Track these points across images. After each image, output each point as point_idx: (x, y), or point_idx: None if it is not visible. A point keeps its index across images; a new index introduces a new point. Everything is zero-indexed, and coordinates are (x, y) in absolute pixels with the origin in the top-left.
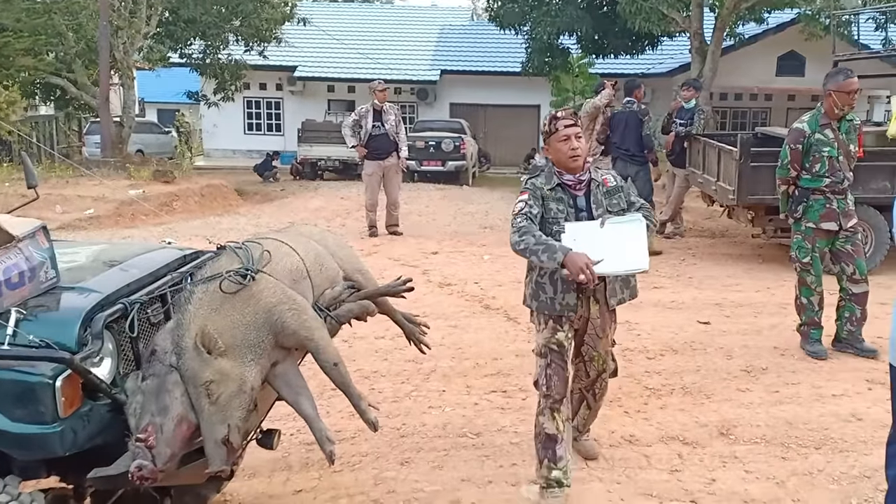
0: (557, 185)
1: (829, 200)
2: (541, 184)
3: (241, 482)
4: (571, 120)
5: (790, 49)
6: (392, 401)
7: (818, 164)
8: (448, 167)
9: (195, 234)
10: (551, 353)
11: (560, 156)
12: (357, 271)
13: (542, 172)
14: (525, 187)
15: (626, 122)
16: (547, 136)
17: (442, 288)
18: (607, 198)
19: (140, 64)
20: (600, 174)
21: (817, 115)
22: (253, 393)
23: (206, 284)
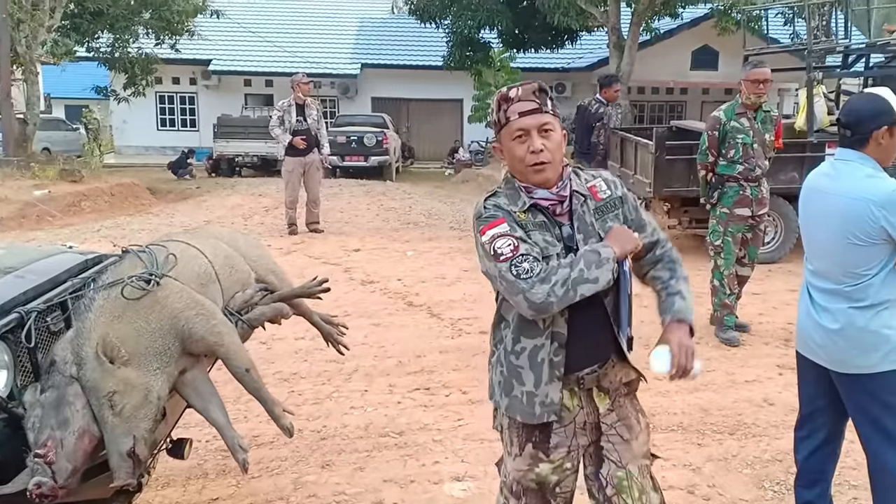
0: (532, 206)
1: (742, 187)
2: (506, 205)
3: (154, 492)
4: (533, 102)
5: (704, 44)
6: (313, 403)
7: (733, 150)
8: (371, 162)
9: (104, 237)
10: (526, 496)
11: (516, 164)
12: (270, 272)
13: (498, 190)
14: (489, 214)
15: (583, 119)
16: (497, 128)
17: (364, 286)
18: (599, 218)
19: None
20: (583, 180)
21: (734, 104)
22: (160, 402)
23: (108, 290)
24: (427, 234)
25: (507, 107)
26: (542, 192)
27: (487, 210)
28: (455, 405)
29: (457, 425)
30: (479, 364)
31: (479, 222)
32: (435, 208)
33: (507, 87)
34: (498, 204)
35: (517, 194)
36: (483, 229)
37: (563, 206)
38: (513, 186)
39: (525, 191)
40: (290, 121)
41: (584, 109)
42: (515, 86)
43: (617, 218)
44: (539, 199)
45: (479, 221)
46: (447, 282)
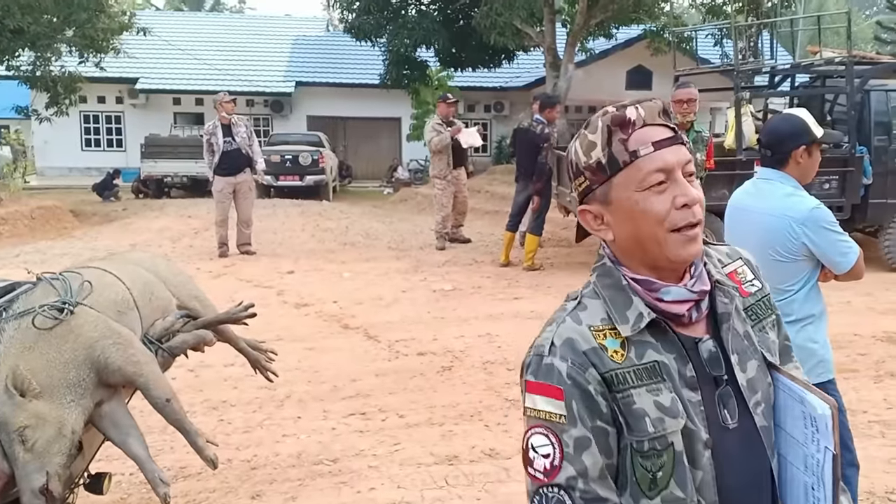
0: (651, 325)
1: None
2: (594, 337)
3: None
4: (666, 129)
5: (638, 63)
6: (243, 431)
7: None
8: (306, 182)
9: (24, 262)
10: None
11: (649, 229)
12: (193, 298)
13: (583, 295)
14: (545, 365)
15: (526, 142)
16: (596, 175)
17: (298, 309)
18: (757, 325)
19: None
20: (716, 261)
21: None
22: (74, 436)
23: (18, 320)
24: (364, 255)
25: (628, 135)
26: (675, 289)
27: (549, 353)
28: (392, 429)
29: (393, 450)
30: (416, 386)
31: (529, 370)
32: (373, 228)
33: (615, 105)
34: (573, 342)
35: (624, 300)
36: (530, 386)
37: (699, 310)
38: (615, 283)
39: (644, 289)
40: (217, 142)
41: (527, 131)
42: (629, 104)
43: (774, 329)
44: (670, 303)
45: (528, 369)
46: (384, 303)
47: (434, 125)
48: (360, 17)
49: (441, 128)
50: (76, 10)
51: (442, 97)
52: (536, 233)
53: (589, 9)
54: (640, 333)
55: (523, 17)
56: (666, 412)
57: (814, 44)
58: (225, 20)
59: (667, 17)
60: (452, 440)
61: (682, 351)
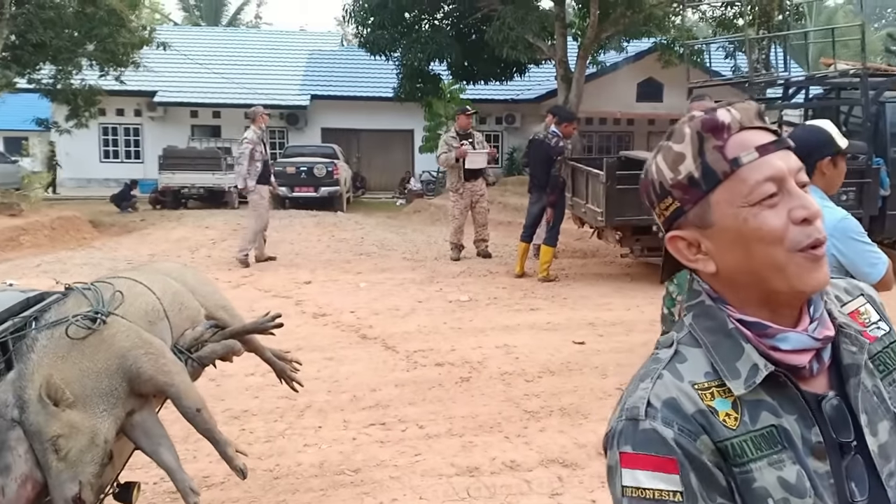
0: (766, 380)
1: None
2: (697, 396)
3: None
4: (767, 132)
5: (649, 76)
6: (265, 441)
7: None
8: (321, 193)
9: (45, 272)
10: None
11: (764, 254)
12: (220, 308)
13: (680, 344)
14: (645, 432)
15: (541, 153)
16: (686, 192)
17: (316, 319)
18: (886, 377)
19: None
20: (832, 297)
21: None
22: (107, 446)
23: (51, 330)
24: (380, 265)
25: (725, 141)
26: (794, 336)
27: (647, 416)
28: (412, 440)
29: (414, 461)
30: (434, 397)
31: (622, 439)
32: (387, 239)
33: (706, 110)
34: (677, 403)
35: (732, 348)
36: (627, 459)
37: (819, 360)
38: (719, 327)
39: (755, 334)
40: (260, 151)
41: (542, 143)
42: (721, 106)
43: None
44: (788, 352)
45: (620, 438)
46: (401, 313)
47: (448, 138)
48: (374, 31)
49: (454, 141)
50: (98, 24)
51: (461, 109)
52: (551, 244)
53: (600, 22)
54: (754, 391)
55: (535, 31)
56: (792, 491)
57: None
58: (241, 35)
59: (677, 30)
60: (473, 451)
61: (805, 411)
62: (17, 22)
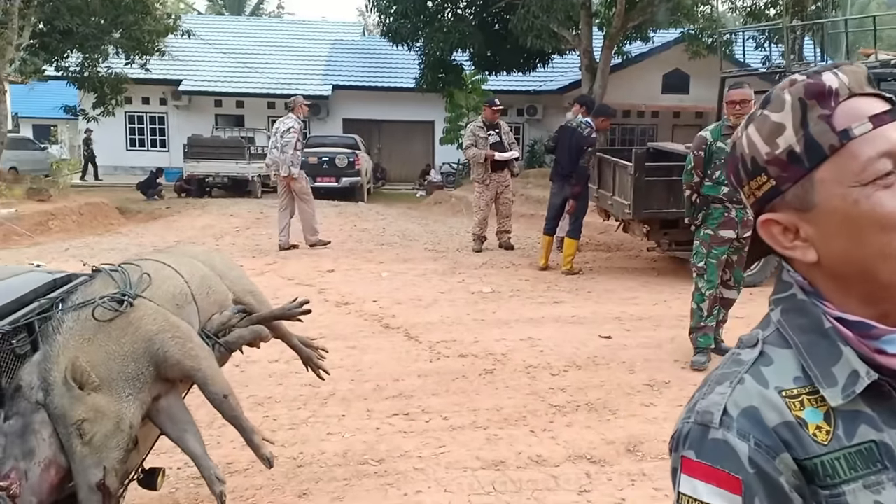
0: (867, 390)
1: (727, 209)
2: (785, 410)
3: None
4: (881, 100)
5: (675, 67)
6: (288, 428)
7: (718, 171)
8: (342, 183)
9: (73, 256)
10: None
11: (877, 242)
12: (248, 293)
13: (767, 343)
14: (714, 443)
15: (572, 142)
16: (788, 171)
17: (339, 307)
18: None
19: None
20: None
21: (721, 125)
22: (132, 431)
23: (78, 312)
24: (402, 256)
25: (832, 109)
26: None
27: (721, 424)
28: (436, 431)
29: (438, 453)
30: (458, 388)
31: (687, 443)
32: (409, 229)
33: (806, 73)
34: (758, 414)
35: (829, 350)
36: (688, 466)
37: None
38: (814, 325)
39: (857, 335)
40: (301, 139)
41: (574, 131)
42: (823, 69)
43: None
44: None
45: (685, 442)
46: (424, 304)
47: (475, 128)
48: (396, 21)
49: (481, 132)
50: (123, 12)
51: (488, 101)
52: (575, 237)
53: (627, 11)
54: (852, 401)
55: (560, 20)
56: None
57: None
58: (265, 24)
59: (706, 20)
60: (498, 445)
61: None
62: (44, 9)
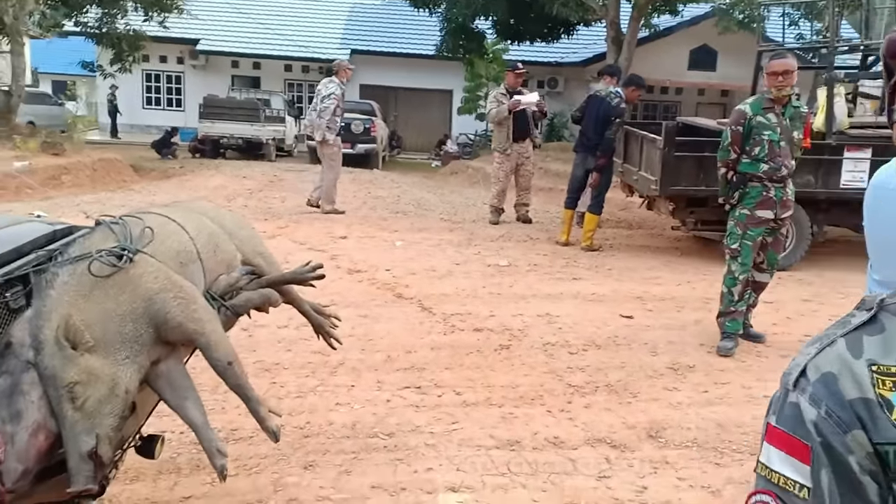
0: None
1: (766, 188)
2: (867, 385)
3: (121, 486)
4: None
5: (703, 43)
6: (296, 396)
7: (758, 147)
8: (357, 150)
9: (83, 211)
10: None
11: None
12: (258, 254)
13: (882, 309)
14: (789, 409)
15: (599, 112)
16: None
17: (351, 274)
18: None
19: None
20: None
21: (762, 98)
22: (128, 397)
23: (73, 266)
24: (416, 225)
25: None
26: None
27: (796, 386)
28: (448, 406)
29: (451, 429)
30: (472, 363)
31: (772, 408)
32: (424, 199)
33: None
34: (835, 381)
35: None
36: (769, 433)
37: None
38: None
39: None
40: (341, 105)
41: (602, 101)
42: None
43: None
44: None
45: (771, 406)
46: (438, 275)
47: (497, 95)
48: None
49: (504, 98)
50: None
51: (511, 65)
52: (596, 212)
53: None
54: None
55: None
56: None
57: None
58: None
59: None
60: (513, 424)
61: None
62: None
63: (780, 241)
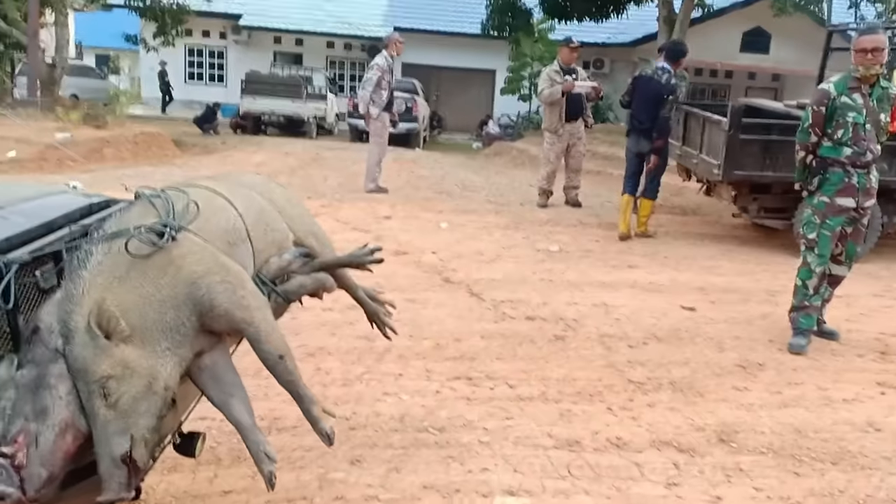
0: None
1: (848, 174)
2: None
3: (158, 476)
4: None
5: (756, 25)
6: (341, 384)
7: (841, 130)
8: (399, 129)
9: (122, 184)
10: None
11: None
12: (311, 234)
13: None
14: None
15: (648, 91)
16: None
17: (397, 257)
18: None
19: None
20: None
21: (847, 76)
22: (167, 394)
23: (109, 243)
24: (461, 206)
25: None
26: None
27: None
28: (502, 400)
29: (506, 425)
30: (526, 354)
31: None
32: (468, 179)
33: None
34: None
35: None
36: None
37: None
38: None
39: None
40: (388, 80)
41: (650, 80)
42: None
43: None
44: None
45: None
46: (486, 258)
47: (550, 73)
48: None
49: (558, 76)
50: None
51: (565, 39)
52: (652, 196)
53: None
54: None
55: None
56: None
57: None
58: None
59: None
60: (572, 422)
61: None
62: None
63: (860, 231)
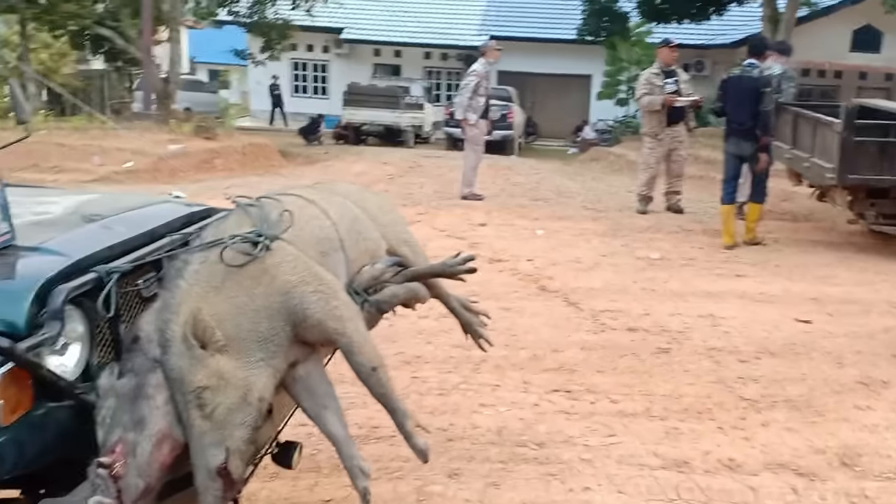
0: None
1: None
2: None
3: (260, 483)
4: None
5: (866, 23)
6: (438, 393)
7: None
8: (494, 136)
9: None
10: None
11: None
12: (403, 243)
13: None
14: None
15: (741, 90)
16: None
17: (492, 264)
18: None
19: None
20: None
21: None
22: (261, 405)
23: (205, 253)
24: (557, 213)
25: None
26: None
27: None
28: (603, 416)
29: (608, 442)
30: (627, 367)
31: None
32: (564, 185)
33: None
34: None
35: None
36: None
37: None
38: None
39: None
40: (485, 86)
41: (741, 78)
42: None
43: None
44: None
45: None
46: (583, 266)
47: (650, 76)
48: None
49: (657, 79)
50: None
51: (664, 41)
52: (759, 200)
53: None
54: None
55: None
56: None
57: None
58: None
59: None
60: (679, 441)
61: None
62: None
63: None
